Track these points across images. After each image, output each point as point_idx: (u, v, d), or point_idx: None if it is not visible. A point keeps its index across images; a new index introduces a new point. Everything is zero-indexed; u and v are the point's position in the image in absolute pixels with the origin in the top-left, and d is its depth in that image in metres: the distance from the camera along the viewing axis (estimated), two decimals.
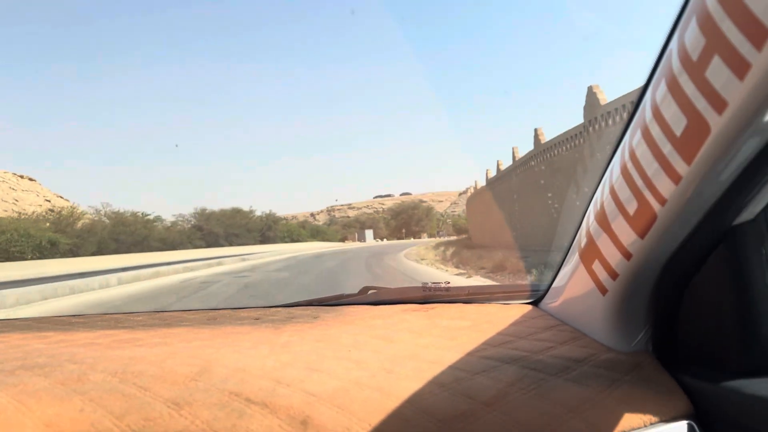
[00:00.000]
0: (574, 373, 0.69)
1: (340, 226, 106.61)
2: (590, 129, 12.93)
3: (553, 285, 0.99)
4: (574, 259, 0.83)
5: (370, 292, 1.35)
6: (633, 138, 0.60)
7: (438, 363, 0.72)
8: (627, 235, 0.64)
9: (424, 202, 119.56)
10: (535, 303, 1.08)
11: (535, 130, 17.27)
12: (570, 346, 0.79)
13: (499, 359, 0.74)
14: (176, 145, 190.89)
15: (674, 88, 0.50)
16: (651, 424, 0.63)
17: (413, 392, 0.63)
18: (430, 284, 1.27)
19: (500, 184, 22.60)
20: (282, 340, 0.86)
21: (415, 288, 1.28)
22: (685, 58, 0.49)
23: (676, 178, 0.53)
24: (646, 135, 0.56)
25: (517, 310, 1.04)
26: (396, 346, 0.81)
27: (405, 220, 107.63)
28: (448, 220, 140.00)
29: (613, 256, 0.68)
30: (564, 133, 14.69)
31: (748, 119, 0.45)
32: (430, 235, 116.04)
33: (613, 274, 0.70)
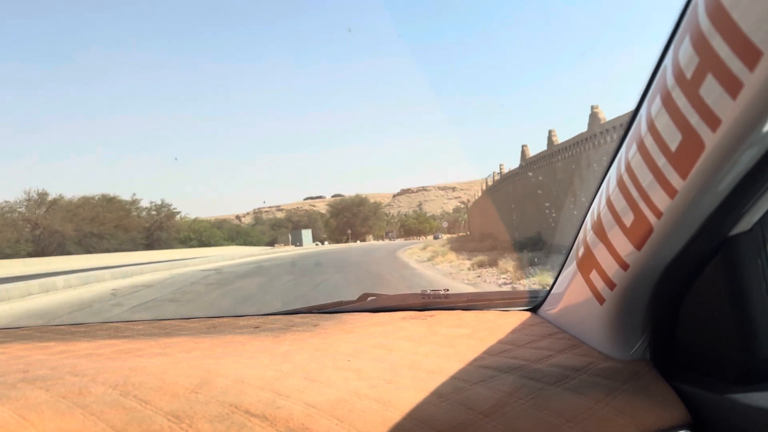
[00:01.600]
0: (573, 382, 0.70)
1: (268, 227, 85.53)
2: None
3: (552, 292, 0.99)
4: (571, 267, 0.83)
5: (369, 299, 1.33)
6: (629, 150, 0.60)
7: (437, 373, 0.72)
8: (624, 246, 0.64)
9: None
10: (534, 310, 1.07)
11: (549, 131, 18.54)
12: (568, 354, 0.79)
13: (498, 368, 0.74)
14: (175, 159, 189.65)
15: (669, 103, 0.51)
16: None
17: (412, 403, 0.63)
18: (429, 291, 1.26)
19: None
20: (281, 349, 0.86)
21: (415, 295, 1.27)
22: (679, 75, 0.49)
23: (671, 191, 0.53)
24: (642, 148, 0.56)
25: (516, 317, 1.04)
26: (395, 355, 0.81)
27: (348, 219, 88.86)
28: (393, 220, 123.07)
29: (611, 267, 0.69)
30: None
31: (741, 136, 0.46)
32: (377, 237, 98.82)
33: (611, 285, 0.70)
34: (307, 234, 73.79)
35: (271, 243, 71.13)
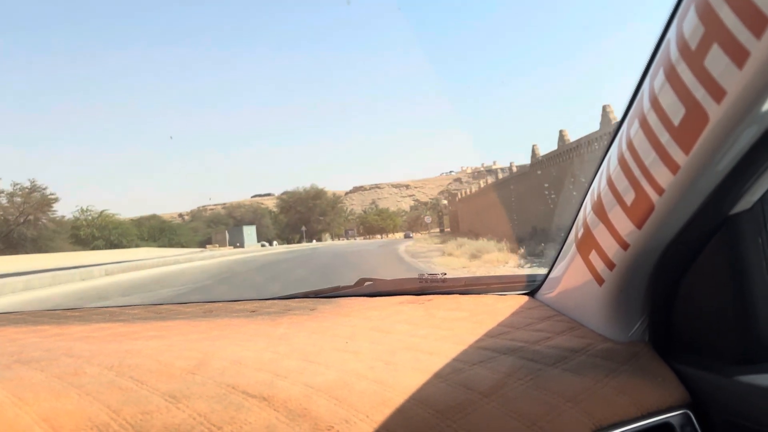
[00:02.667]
0: (572, 363, 0.70)
1: (204, 223, 70.98)
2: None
3: (550, 276, 0.99)
4: (570, 249, 0.83)
5: (366, 283, 1.33)
6: (630, 128, 0.60)
7: (435, 354, 0.72)
8: (624, 225, 0.64)
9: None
10: (531, 294, 1.08)
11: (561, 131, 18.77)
12: (567, 336, 0.79)
13: (497, 350, 0.74)
14: (170, 137, 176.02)
15: (672, 77, 0.50)
16: (648, 413, 0.64)
17: (412, 383, 0.63)
18: (426, 275, 1.26)
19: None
20: (279, 332, 0.86)
21: (412, 279, 1.27)
22: (683, 46, 0.48)
23: (674, 167, 0.53)
24: (644, 125, 0.56)
25: (514, 300, 1.04)
26: (393, 338, 0.81)
27: (302, 214, 75.34)
28: (351, 217, 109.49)
29: (610, 247, 0.68)
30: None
31: (747, 108, 0.45)
32: (335, 236, 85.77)
33: (610, 264, 0.70)
34: (250, 232, 59.03)
35: (203, 244, 57.00)
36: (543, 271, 1.07)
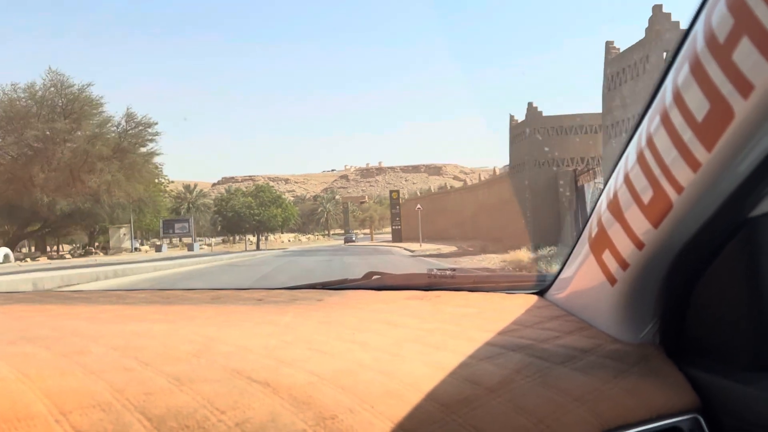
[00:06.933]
0: (580, 362, 0.69)
1: None
2: None
3: (560, 276, 0.99)
4: (583, 249, 0.83)
5: (374, 277, 1.35)
6: (651, 124, 0.59)
7: (442, 348, 0.72)
8: (640, 224, 0.63)
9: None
10: (541, 293, 1.08)
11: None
12: (576, 336, 0.79)
13: (505, 346, 0.74)
14: (185, 119, 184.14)
15: (698, 71, 0.49)
16: (657, 416, 0.63)
17: (418, 376, 0.63)
18: (435, 271, 1.28)
19: None
20: (285, 320, 0.87)
21: (421, 275, 1.29)
22: (711, 39, 0.47)
23: (695, 165, 0.52)
24: (666, 121, 0.55)
25: (523, 299, 1.04)
26: (400, 331, 0.81)
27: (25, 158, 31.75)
28: (203, 205, 67.85)
29: (625, 246, 0.68)
30: None
31: None
32: (149, 234, 51.62)
33: (624, 264, 0.69)
34: None
35: None
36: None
